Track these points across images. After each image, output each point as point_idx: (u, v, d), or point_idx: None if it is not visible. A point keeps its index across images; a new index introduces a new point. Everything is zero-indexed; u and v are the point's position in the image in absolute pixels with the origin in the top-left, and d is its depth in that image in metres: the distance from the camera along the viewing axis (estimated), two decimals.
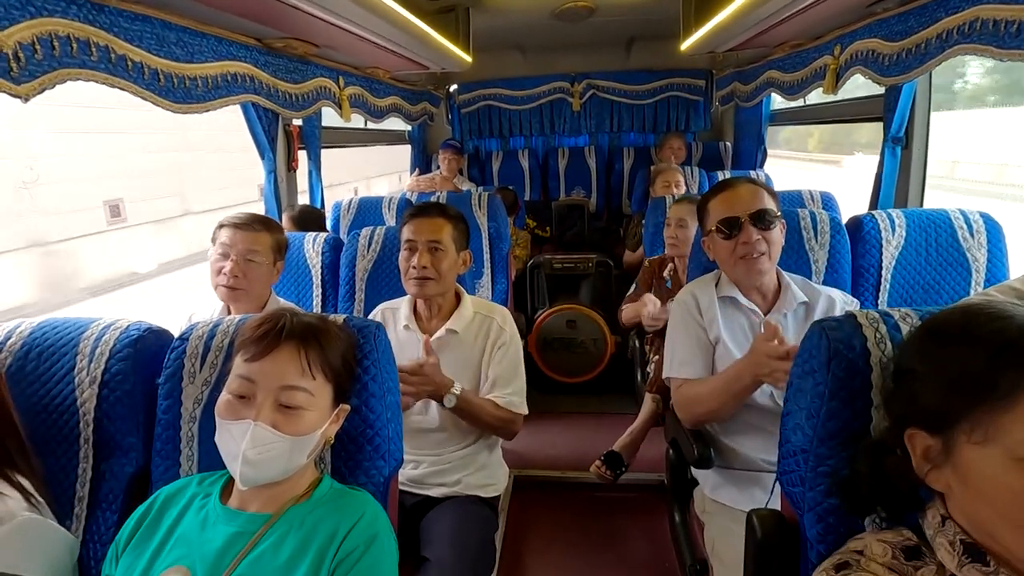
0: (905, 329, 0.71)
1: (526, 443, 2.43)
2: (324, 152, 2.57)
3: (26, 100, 1.13)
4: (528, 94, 3.92)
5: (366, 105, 2.79)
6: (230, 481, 0.83)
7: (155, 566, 0.77)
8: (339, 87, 2.46)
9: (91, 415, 0.97)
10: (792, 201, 2.37)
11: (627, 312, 2.24)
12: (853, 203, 2.36)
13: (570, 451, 2.39)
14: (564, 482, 2.22)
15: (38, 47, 1.14)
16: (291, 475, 0.80)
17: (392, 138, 3.95)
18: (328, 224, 2.51)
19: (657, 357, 2.18)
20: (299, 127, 2.38)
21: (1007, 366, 0.52)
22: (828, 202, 2.37)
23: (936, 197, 2.10)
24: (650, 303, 2.09)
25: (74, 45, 1.22)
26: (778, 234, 1.30)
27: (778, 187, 2.96)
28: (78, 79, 1.25)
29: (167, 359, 0.98)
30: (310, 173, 2.50)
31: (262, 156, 2.16)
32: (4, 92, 1.08)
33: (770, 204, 1.30)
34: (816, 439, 0.72)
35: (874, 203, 2.11)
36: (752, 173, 3.14)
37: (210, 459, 0.92)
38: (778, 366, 1.07)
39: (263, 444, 0.75)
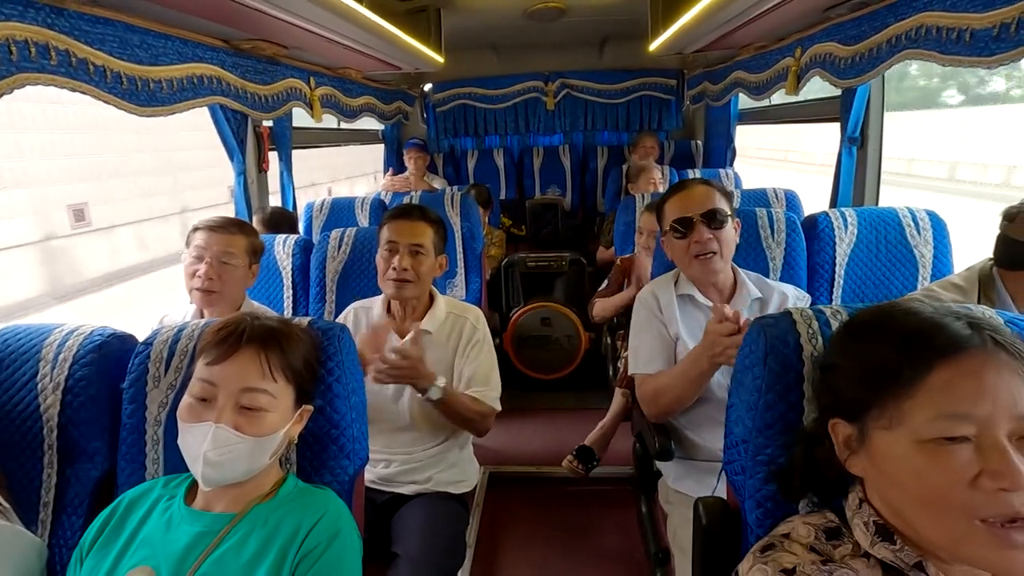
0: (835, 325, 0.75)
1: (501, 440, 2.47)
2: (296, 152, 2.57)
3: None
4: (502, 93, 3.94)
5: (338, 105, 2.78)
6: (195, 482, 0.84)
7: (119, 567, 0.78)
8: (310, 88, 2.45)
9: (55, 421, 0.98)
10: (757, 198, 2.44)
11: (598, 306, 2.29)
12: None
13: (545, 447, 2.43)
14: (539, 477, 2.26)
15: None
16: (254, 475, 0.82)
17: (366, 137, 3.94)
18: (301, 226, 2.51)
19: (627, 353, 2.23)
20: (269, 128, 2.37)
21: (909, 356, 0.57)
22: (792, 200, 2.44)
23: None
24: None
25: (32, 49, 1.21)
26: (730, 232, 1.35)
27: (744, 186, 3.05)
28: (37, 83, 1.24)
29: (131, 363, 0.99)
30: (281, 174, 2.49)
31: (231, 158, 2.14)
32: None
33: (722, 204, 1.34)
34: (755, 430, 0.77)
35: (833, 201, 2.19)
36: (721, 171, 3.22)
37: (176, 462, 0.93)
38: (729, 342, 1.11)
39: (224, 445, 0.77)
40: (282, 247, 1.87)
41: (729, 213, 1.35)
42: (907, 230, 1.59)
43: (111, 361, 1.02)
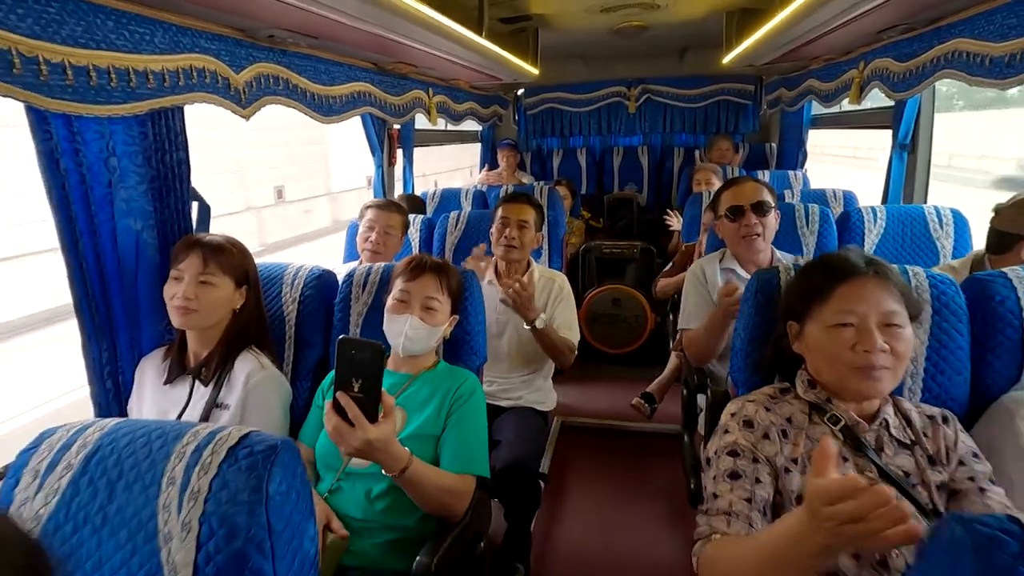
0: None
1: (574, 398, 2.91)
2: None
3: (247, 119, 1.71)
4: (588, 98, 4.31)
5: (448, 111, 3.31)
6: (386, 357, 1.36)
7: None
8: (429, 97, 3.00)
9: (292, 322, 1.53)
10: (816, 197, 2.70)
11: (661, 284, 2.67)
12: None
13: (609, 405, 2.85)
14: (602, 428, 2.69)
15: (254, 83, 1.71)
16: (426, 353, 1.32)
17: (466, 137, 4.49)
18: None
19: None
20: (398, 130, 2.94)
21: (827, 279, 0.97)
22: (850, 200, 2.67)
23: None
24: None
25: (271, 80, 1.79)
26: (772, 220, 1.71)
27: (812, 185, 3.26)
28: (272, 104, 1.82)
29: (340, 288, 1.53)
30: (404, 168, 3.07)
31: (373, 154, 2.73)
32: (237, 115, 1.66)
33: (767, 197, 1.70)
34: (748, 342, 1.16)
35: (884, 200, 2.42)
36: (790, 173, 3.44)
37: None
38: (731, 301, 1.50)
39: (416, 328, 1.27)
40: (414, 225, 2.42)
41: (773, 205, 1.71)
42: (931, 225, 1.85)
43: (324, 287, 1.56)
